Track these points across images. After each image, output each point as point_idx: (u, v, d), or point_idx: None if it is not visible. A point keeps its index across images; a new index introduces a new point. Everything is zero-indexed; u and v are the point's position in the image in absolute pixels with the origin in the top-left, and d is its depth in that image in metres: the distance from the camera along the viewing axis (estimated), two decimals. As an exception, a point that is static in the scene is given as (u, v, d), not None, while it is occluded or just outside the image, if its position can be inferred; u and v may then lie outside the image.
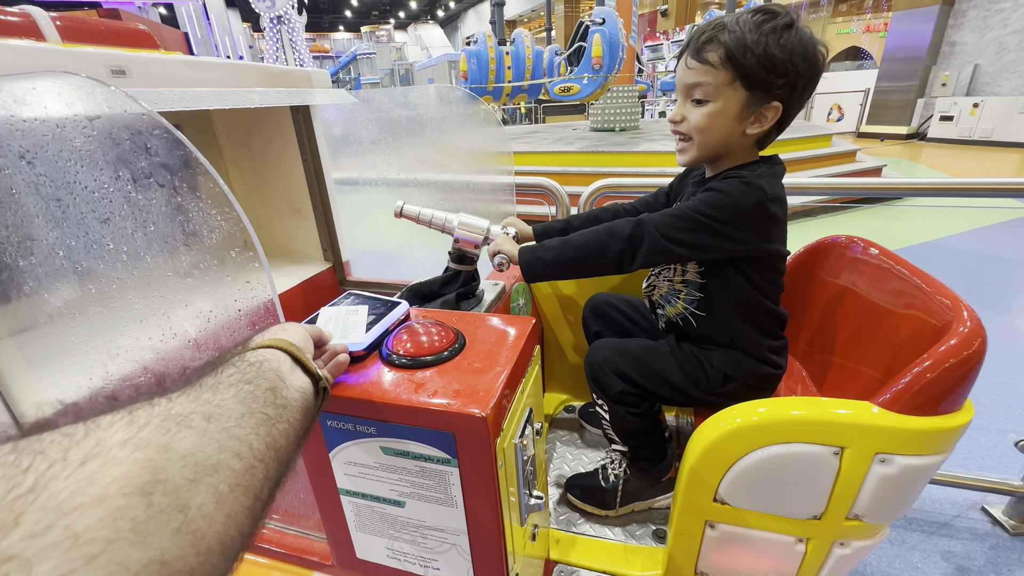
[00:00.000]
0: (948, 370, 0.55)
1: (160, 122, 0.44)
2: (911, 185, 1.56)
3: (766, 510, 0.65)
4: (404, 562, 0.56)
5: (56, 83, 0.50)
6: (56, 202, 0.55)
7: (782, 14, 0.67)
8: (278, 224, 1.59)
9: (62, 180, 0.52)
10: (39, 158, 0.53)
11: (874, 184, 1.57)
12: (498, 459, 0.47)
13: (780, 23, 0.66)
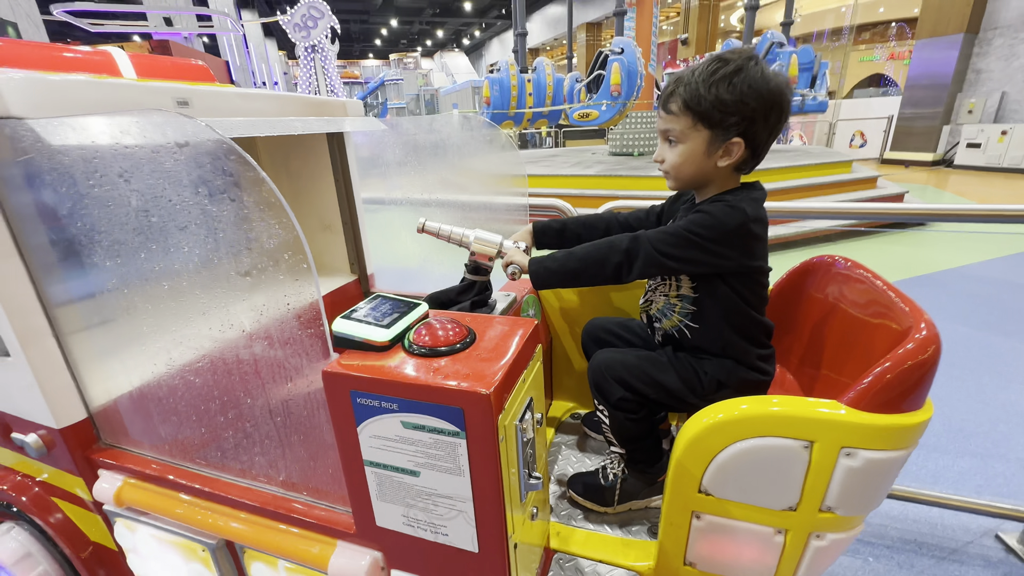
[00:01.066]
0: (906, 371, 0.61)
1: (234, 148, 0.55)
2: (924, 211, 1.62)
3: (746, 500, 0.70)
4: (417, 528, 0.64)
5: (156, 117, 0.62)
6: (144, 212, 0.66)
7: (732, 61, 0.77)
8: (310, 238, 1.72)
9: (151, 194, 0.64)
10: (134, 177, 0.64)
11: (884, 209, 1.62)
12: (499, 434, 0.55)
13: (729, 70, 0.76)
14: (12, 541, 1.03)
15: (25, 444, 0.92)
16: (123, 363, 0.85)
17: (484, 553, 0.61)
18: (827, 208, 1.92)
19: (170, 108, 1.03)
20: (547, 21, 24.24)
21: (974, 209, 1.49)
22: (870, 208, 2.24)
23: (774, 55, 6.36)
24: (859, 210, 2.30)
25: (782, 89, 0.78)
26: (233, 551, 0.83)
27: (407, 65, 32.60)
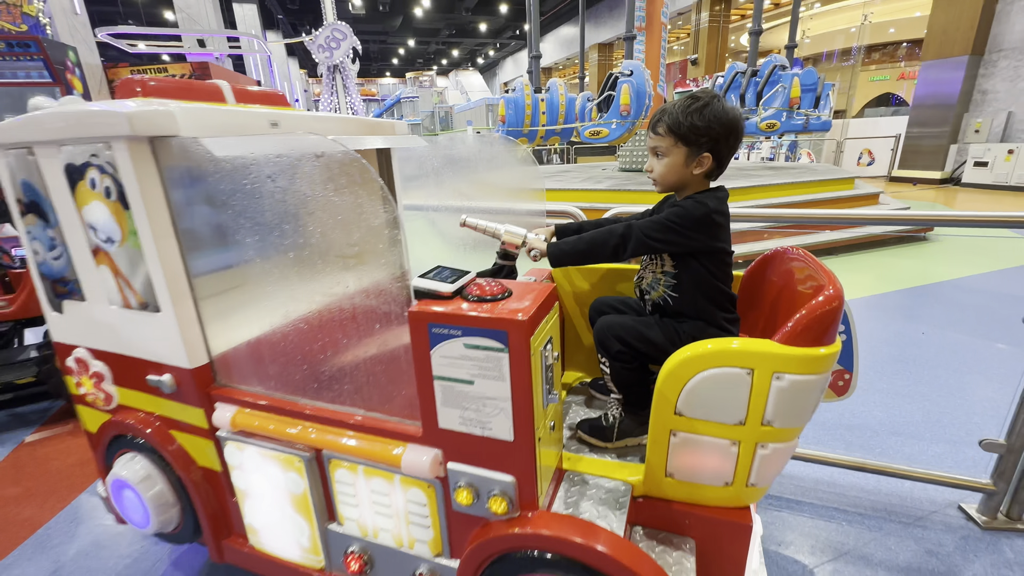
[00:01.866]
0: (816, 317, 0.87)
1: (358, 157, 0.83)
2: (904, 216, 1.85)
3: (708, 418, 0.95)
4: (470, 426, 0.90)
5: (307, 138, 0.91)
6: (282, 203, 0.95)
7: (702, 99, 1.05)
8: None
9: (291, 189, 0.92)
10: (279, 177, 0.93)
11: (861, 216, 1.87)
12: (531, 350, 0.82)
13: (700, 105, 1.04)
14: (136, 465, 1.31)
15: (160, 383, 1.20)
16: (236, 322, 1.14)
17: (518, 442, 0.87)
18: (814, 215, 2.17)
19: (266, 127, 1.32)
20: (560, 41, 24.94)
21: (950, 215, 1.73)
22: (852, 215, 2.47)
23: (777, 77, 6.65)
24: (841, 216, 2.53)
25: (737, 119, 1.07)
26: (320, 461, 1.10)
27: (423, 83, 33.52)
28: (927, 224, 1.67)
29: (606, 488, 1.07)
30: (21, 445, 2.46)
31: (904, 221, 1.74)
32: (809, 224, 1.91)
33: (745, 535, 1.01)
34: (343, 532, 1.15)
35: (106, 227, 1.10)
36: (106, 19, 16.46)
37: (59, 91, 5.19)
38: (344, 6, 19.66)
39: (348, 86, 15.33)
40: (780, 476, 2.01)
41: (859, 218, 2.29)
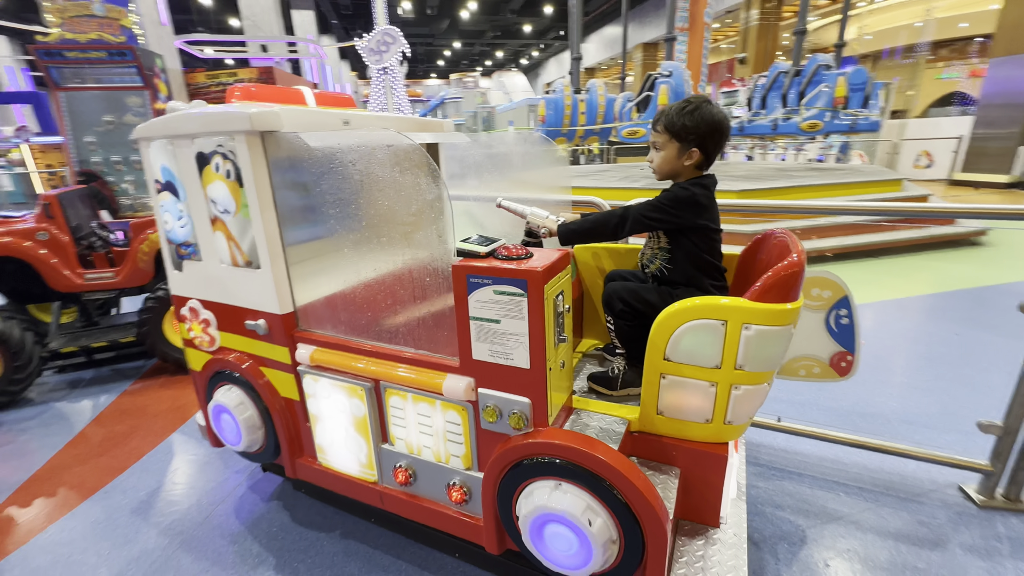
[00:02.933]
0: (780, 278, 1.06)
1: (419, 147, 1.10)
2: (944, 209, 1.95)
3: (690, 362, 1.16)
4: (496, 357, 1.15)
5: (383, 134, 1.19)
6: (360, 183, 1.23)
7: (695, 102, 1.26)
8: (407, 222, 2.31)
9: (367, 172, 1.21)
10: (358, 162, 1.22)
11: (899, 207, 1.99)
12: (545, 295, 1.06)
13: (691, 107, 1.26)
14: (232, 394, 1.64)
15: (256, 326, 1.52)
16: (316, 281, 1.43)
17: (533, 369, 1.11)
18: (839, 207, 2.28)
19: (339, 126, 1.62)
20: (604, 41, 24.88)
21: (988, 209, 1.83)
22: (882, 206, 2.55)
23: (820, 77, 6.53)
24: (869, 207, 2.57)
25: (721, 121, 1.28)
26: (378, 390, 1.38)
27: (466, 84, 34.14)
28: (947, 216, 1.77)
29: (607, 422, 1.29)
30: (123, 394, 2.93)
31: (925, 213, 1.83)
32: (795, 212, 2.00)
33: (721, 464, 1.21)
34: (393, 450, 1.43)
35: (224, 201, 1.42)
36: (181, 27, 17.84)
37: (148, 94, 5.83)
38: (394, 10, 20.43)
39: (396, 87, 15.97)
40: (785, 451, 2.16)
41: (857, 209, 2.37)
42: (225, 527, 1.84)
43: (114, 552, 1.75)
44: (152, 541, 1.79)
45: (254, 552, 1.72)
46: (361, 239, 1.31)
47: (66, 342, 2.99)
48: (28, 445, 2.44)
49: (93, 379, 3.14)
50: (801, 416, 2.41)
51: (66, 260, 2.94)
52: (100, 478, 2.16)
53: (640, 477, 1.07)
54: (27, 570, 1.69)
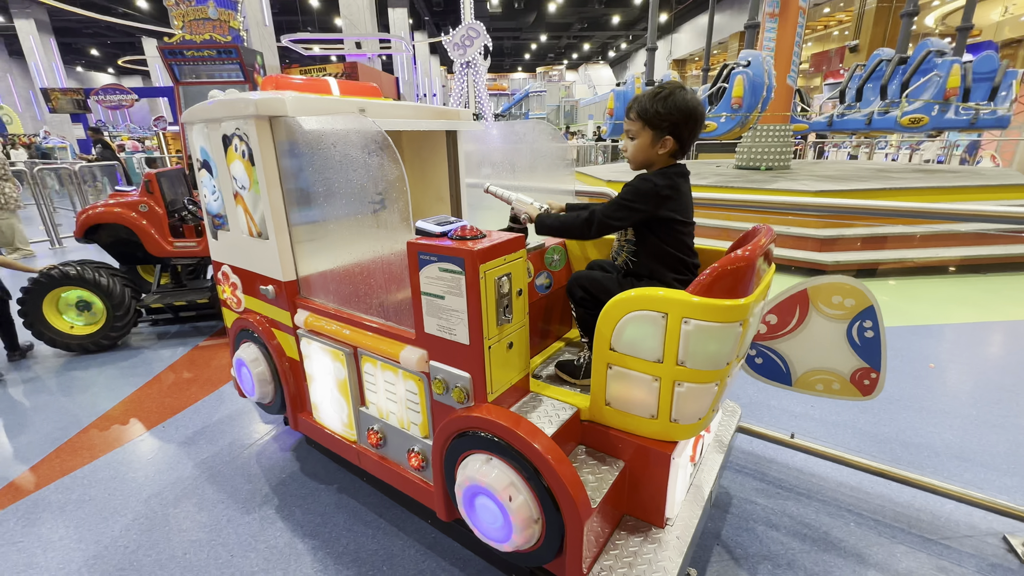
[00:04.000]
0: (722, 273, 1.01)
1: (381, 131, 1.18)
2: None
3: (634, 354, 1.14)
4: (442, 332, 1.20)
5: (347, 119, 1.29)
6: (340, 165, 1.34)
7: (667, 88, 1.20)
8: (427, 206, 2.42)
9: (344, 155, 1.31)
10: (338, 145, 1.33)
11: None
12: (480, 275, 1.09)
13: (664, 94, 1.20)
14: (250, 350, 1.85)
15: (267, 291, 1.71)
16: (327, 257, 1.58)
17: (472, 346, 1.15)
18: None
19: (356, 112, 1.75)
20: (698, 31, 23.51)
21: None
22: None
23: (930, 64, 5.69)
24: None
25: (695, 108, 1.23)
26: (356, 356, 1.50)
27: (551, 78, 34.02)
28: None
29: (556, 407, 1.30)
30: (195, 348, 3.38)
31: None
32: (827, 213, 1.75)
33: (663, 463, 1.17)
34: (368, 413, 1.54)
35: (242, 178, 1.61)
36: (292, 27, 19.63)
37: (248, 88, 6.54)
38: (482, 5, 20.87)
39: (477, 81, 16.38)
40: (799, 471, 1.99)
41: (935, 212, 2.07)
42: (246, 468, 2.09)
43: (157, 476, 2.06)
44: (187, 471, 2.08)
45: (263, 493, 1.94)
46: (343, 215, 1.43)
47: (156, 300, 3.50)
48: (117, 381, 2.92)
49: (176, 333, 3.65)
50: (830, 437, 2.20)
51: (160, 229, 3.43)
52: (162, 414, 2.54)
53: (564, 465, 1.08)
54: (94, 480, 2.05)
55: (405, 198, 1.21)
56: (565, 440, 1.27)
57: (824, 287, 1.69)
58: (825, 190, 4.82)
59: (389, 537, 1.70)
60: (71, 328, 3.27)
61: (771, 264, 1.33)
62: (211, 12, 6.12)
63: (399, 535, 1.71)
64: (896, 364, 2.86)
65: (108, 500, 1.93)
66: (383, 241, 1.33)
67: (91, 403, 2.67)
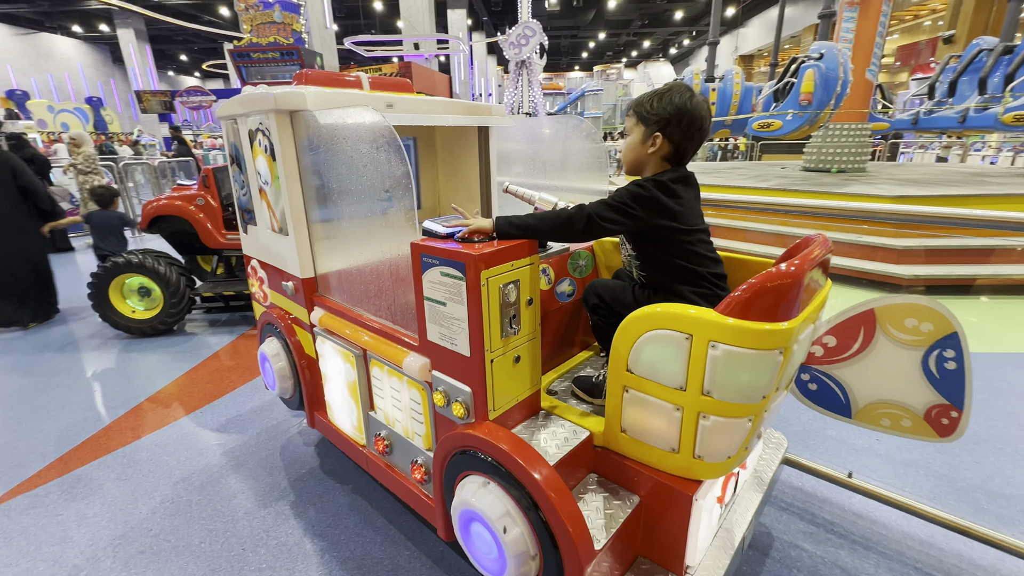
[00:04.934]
0: (761, 290, 0.85)
1: (388, 126, 1.11)
2: None
3: (653, 378, 1.00)
4: (444, 341, 1.12)
5: (364, 112, 1.23)
6: (351, 160, 1.29)
7: (670, 87, 1.12)
8: (459, 204, 2.35)
9: (354, 150, 1.26)
10: (348, 139, 1.27)
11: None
12: (482, 282, 0.99)
13: (662, 91, 1.12)
14: (273, 344, 1.86)
15: (287, 287, 1.70)
16: (341, 255, 1.54)
17: (473, 358, 1.06)
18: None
19: (382, 108, 1.70)
20: (768, 25, 22.16)
21: None
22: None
23: (980, 62, 4.93)
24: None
25: (689, 107, 1.11)
26: (366, 359, 1.45)
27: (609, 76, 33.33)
28: None
29: (567, 429, 1.18)
30: (240, 336, 3.52)
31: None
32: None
33: (685, 504, 1.02)
34: (376, 419, 1.49)
35: (265, 173, 1.61)
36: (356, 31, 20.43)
37: (307, 87, 6.77)
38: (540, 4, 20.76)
39: (531, 80, 16.29)
40: (858, 516, 1.74)
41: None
42: (269, 460, 2.11)
43: (189, 461, 2.13)
44: (215, 459, 2.13)
45: (281, 487, 1.95)
46: (354, 212, 1.38)
47: (208, 288, 3.68)
48: (168, 364, 3.08)
49: (226, 321, 3.82)
50: (898, 478, 1.92)
51: (215, 222, 3.60)
52: (201, 400, 2.64)
53: (566, 500, 0.96)
54: (133, 460, 2.15)
55: (410, 196, 1.13)
56: (575, 467, 1.14)
57: (895, 308, 1.45)
58: (904, 195, 4.33)
59: (396, 546, 1.64)
60: (133, 312, 3.50)
61: (827, 279, 1.14)
62: (276, 16, 6.41)
63: (407, 545, 1.65)
64: (984, 398, 2.48)
65: (141, 481, 2.01)
66: (390, 241, 1.27)
67: (142, 385, 2.83)
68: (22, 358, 3.23)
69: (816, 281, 1.04)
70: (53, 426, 2.43)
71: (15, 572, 1.60)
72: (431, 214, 2.41)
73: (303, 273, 1.61)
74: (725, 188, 5.64)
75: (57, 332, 3.68)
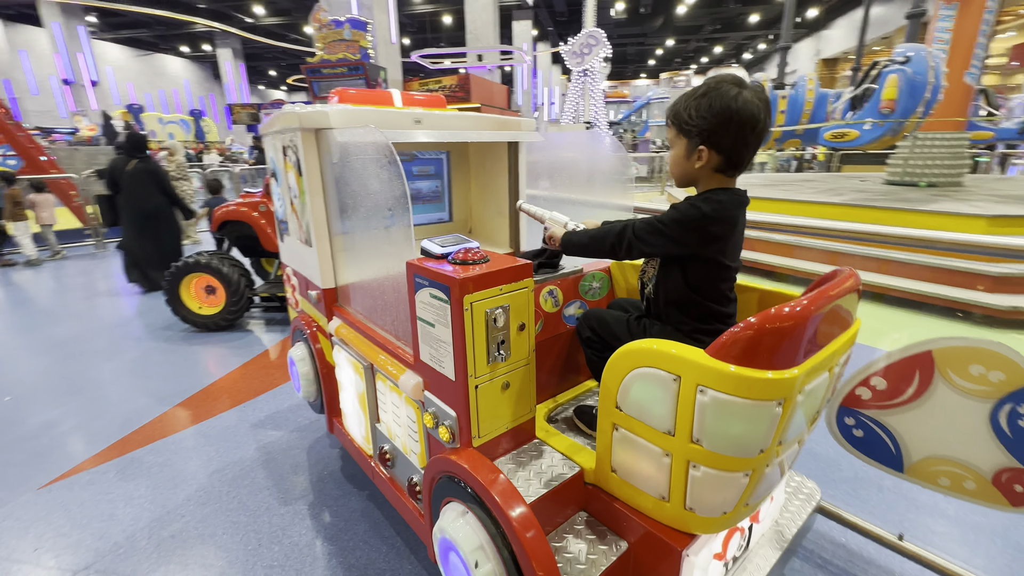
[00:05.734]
0: (758, 332, 0.76)
1: (388, 144, 1.12)
2: None
3: (641, 419, 0.92)
4: (433, 362, 1.10)
5: (366, 131, 1.26)
6: (360, 177, 1.32)
7: (705, 86, 0.95)
8: (488, 219, 2.35)
9: (363, 167, 1.28)
10: (358, 157, 1.30)
11: None
12: (464, 306, 0.97)
13: (699, 93, 0.96)
14: (300, 349, 1.94)
15: (311, 296, 1.77)
16: (358, 266, 1.58)
17: (458, 383, 1.04)
18: None
19: (410, 124, 1.73)
20: (856, 26, 20.51)
21: None
22: None
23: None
24: None
25: (734, 108, 0.95)
26: (372, 371, 1.47)
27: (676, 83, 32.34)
28: None
29: (557, 462, 1.12)
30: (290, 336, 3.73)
31: None
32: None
33: (673, 558, 0.93)
34: (381, 431, 1.50)
35: (294, 187, 1.69)
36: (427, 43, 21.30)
37: (370, 100, 7.12)
38: (606, 13, 20.58)
39: (593, 89, 16.17)
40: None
41: None
42: (296, 459, 2.21)
43: (227, 452, 2.27)
44: (249, 453, 2.26)
45: (302, 487, 2.02)
46: (364, 227, 1.40)
47: (264, 289, 3.94)
48: (224, 358, 3.33)
49: (281, 320, 4.07)
50: (967, 546, 1.66)
51: (273, 227, 3.86)
52: (248, 394, 2.82)
53: (538, 542, 0.91)
54: (179, 447, 2.33)
55: (407, 215, 1.13)
56: (562, 503, 1.09)
57: (959, 351, 1.27)
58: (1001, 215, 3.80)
59: (400, 559, 1.64)
60: (199, 308, 3.82)
61: (855, 318, 1.01)
62: (346, 34, 6.80)
63: (410, 559, 1.64)
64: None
65: (183, 468, 2.17)
66: (392, 258, 1.28)
67: (199, 376, 3.07)
68: (104, 344, 3.62)
69: (836, 321, 0.92)
70: (121, 409, 2.69)
71: (67, 541, 1.78)
72: (462, 227, 2.43)
73: (324, 283, 1.67)
74: (784, 204, 5.25)
75: (138, 322, 4.09)
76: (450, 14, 20.70)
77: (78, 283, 5.45)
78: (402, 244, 1.19)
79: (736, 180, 1.04)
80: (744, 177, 1.37)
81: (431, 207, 2.28)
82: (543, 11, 21.17)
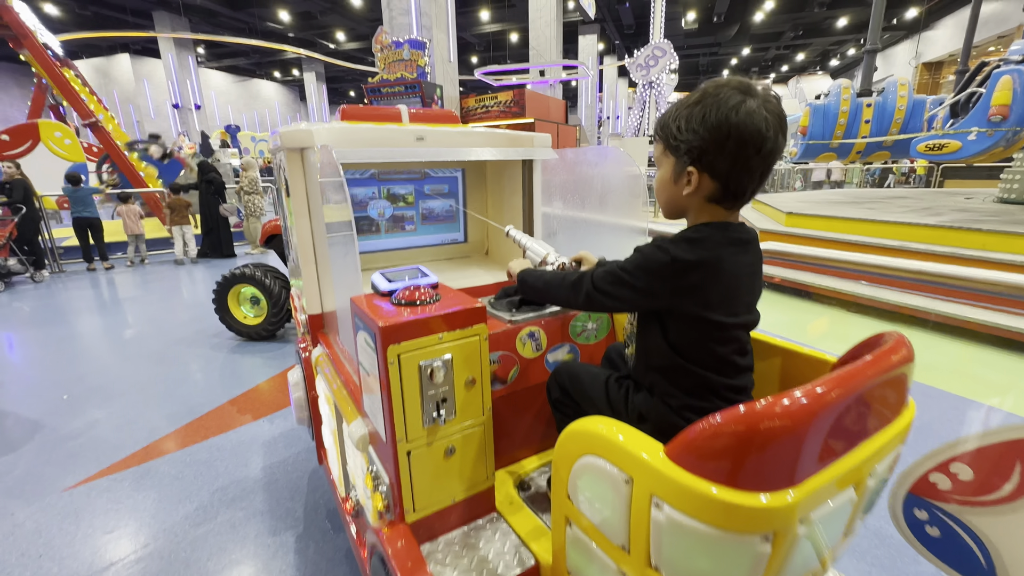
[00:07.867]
0: (735, 435, 0.53)
1: (334, 165, 1.00)
2: None
3: (593, 521, 0.71)
4: (373, 416, 0.96)
5: (324, 150, 1.15)
6: (327, 199, 1.21)
7: (698, 92, 0.72)
8: (505, 241, 2.19)
9: (325, 190, 1.18)
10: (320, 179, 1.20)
11: None
12: (390, 358, 0.81)
13: (691, 100, 0.72)
14: (296, 373, 1.88)
15: (302, 320, 1.69)
16: (327, 288, 1.49)
17: (389, 444, 0.88)
18: None
19: (411, 142, 1.63)
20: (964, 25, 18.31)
21: None
22: None
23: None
24: None
25: (734, 120, 0.70)
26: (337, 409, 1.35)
27: (752, 94, 30.66)
28: None
29: (512, 547, 0.92)
30: (324, 348, 3.77)
31: None
32: None
33: None
34: (350, 476, 1.37)
35: (286, 206, 1.63)
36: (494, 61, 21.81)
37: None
38: (676, 23, 19.98)
39: (659, 101, 15.65)
40: None
41: None
42: (296, 484, 2.15)
43: (234, 470, 2.27)
44: (254, 472, 2.24)
45: (295, 516, 1.95)
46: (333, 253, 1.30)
47: (305, 301, 4.04)
48: (259, 368, 3.41)
49: (318, 332, 4.15)
50: None
51: (315, 242, 3.95)
52: (268, 409, 2.84)
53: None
54: (192, 461, 2.35)
55: (352, 244, 1.00)
56: (511, 602, 0.88)
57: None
58: None
59: (372, 614, 1.50)
60: (244, 318, 3.97)
61: (904, 403, 0.74)
62: (405, 54, 6.99)
63: (383, 615, 1.50)
64: None
65: (191, 483, 2.18)
66: (347, 289, 1.15)
67: (231, 386, 3.15)
68: (157, 348, 3.85)
69: (873, 412, 0.66)
70: (154, 414, 2.80)
71: (65, 554, 1.81)
72: (478, 249, 2.29)
73: (310, 309, 1.59)
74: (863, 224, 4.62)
75: (190, 328, 4.34)
76: (517, 31, 21.06)
77: (158, 288, 5.96)
78: (350, 275, 1.06)
79: (737, 213, 0.80)
80: (819, 194, 1.10)
81: (444, 227, 2.17)
82: (610, 24, 20.94)
